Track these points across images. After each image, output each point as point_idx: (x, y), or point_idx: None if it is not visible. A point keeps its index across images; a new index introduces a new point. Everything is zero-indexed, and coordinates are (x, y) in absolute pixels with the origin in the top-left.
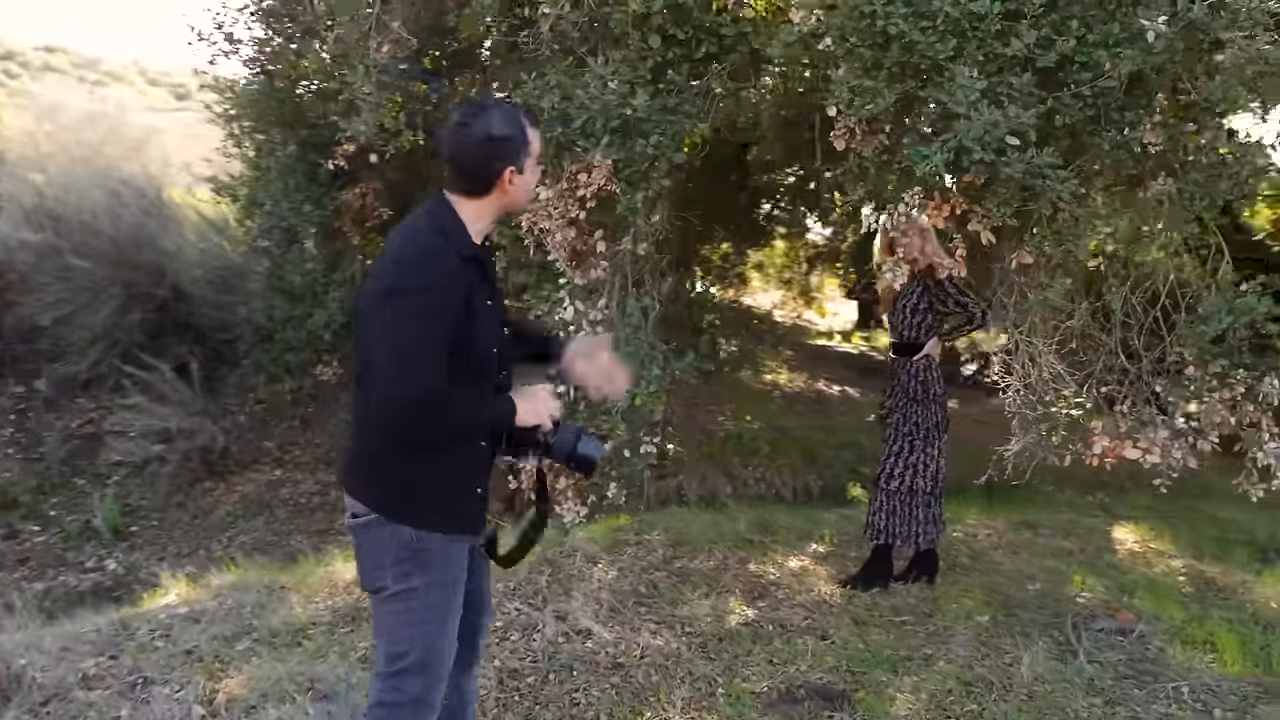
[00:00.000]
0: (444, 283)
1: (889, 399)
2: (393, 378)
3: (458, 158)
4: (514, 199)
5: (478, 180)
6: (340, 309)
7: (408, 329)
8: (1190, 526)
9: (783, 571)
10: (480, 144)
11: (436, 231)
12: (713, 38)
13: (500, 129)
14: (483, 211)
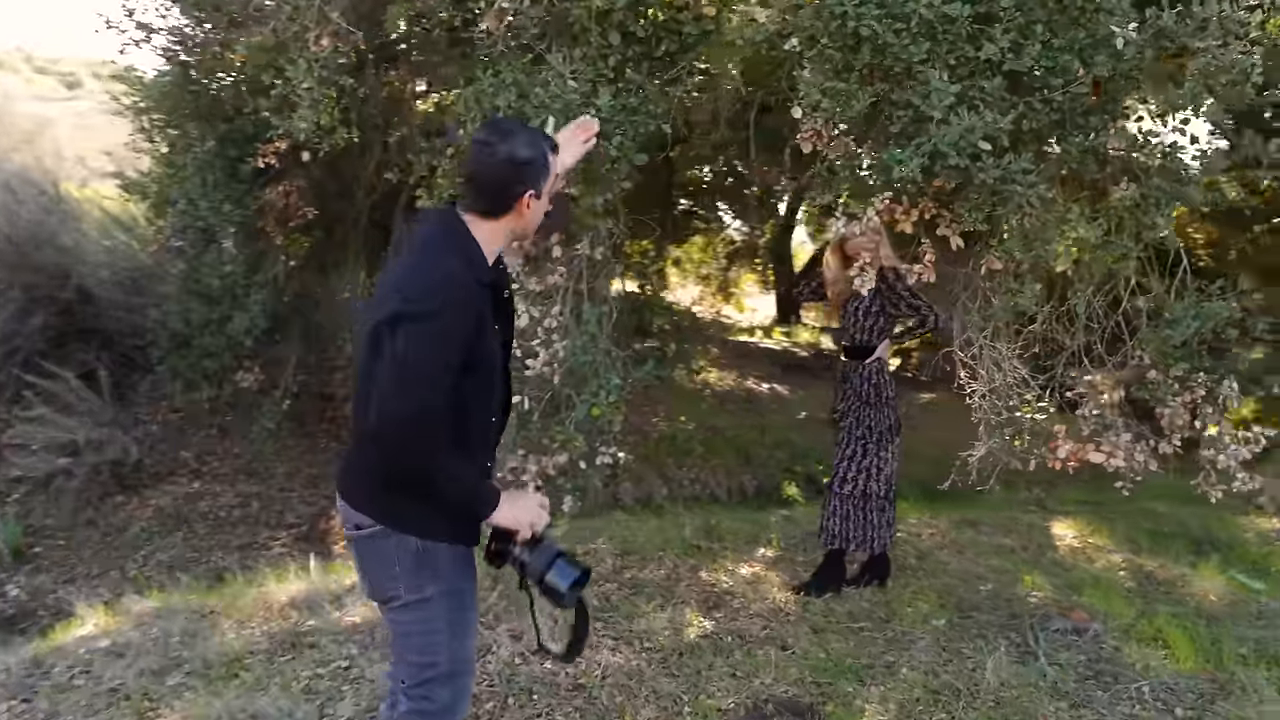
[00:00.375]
0: (456, 307)
1: (841, 402)
2: (393, 395)
3: (478, 177)
4: (527, 223)
5: (496, 201)
6: (263, 312)
7: (416, 353)
8: (1125, 520)
9: (735, 579)
10: (503, 165)
11: (453, 254)
12: (673, 35)
13: (525, 152)
14: (497, 233)
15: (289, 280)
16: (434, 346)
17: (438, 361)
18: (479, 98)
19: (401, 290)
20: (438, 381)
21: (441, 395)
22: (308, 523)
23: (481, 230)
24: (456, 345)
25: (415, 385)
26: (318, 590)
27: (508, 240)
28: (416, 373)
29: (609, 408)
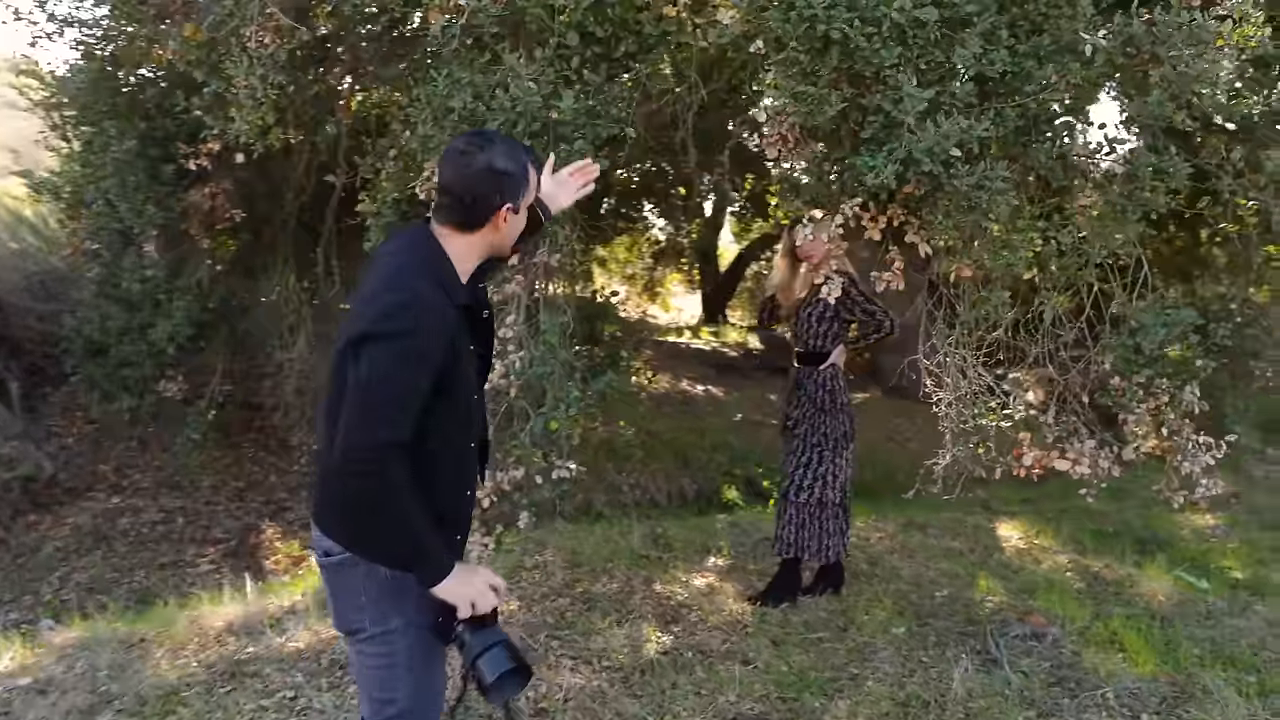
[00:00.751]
0: (428, 328)
1: (795, 409)
2: (357, 421)
3: (454, 187)
4: (503, 240)
5: (472, 214)
6: (186, 319)
7: (383, 376)
8: (1068, 520)
9: (690, 591)
10: (480, 175)
11: (423, 273)
12: (633, 36)
13: (504, 163)
14: (471, 249)
15: (214, 285)
16: (402, 369)
17: (406, 385)
18: (430, 98)
19: (369, 310)
20: (405, 407)
21: (409, 422)
22: (236, 538)
23: (456, 245)
24: (427, 369)
25: (380, 409)
26: (256, 613)
27: (483, 256)
28: (382, 396)
29: (568, 421)
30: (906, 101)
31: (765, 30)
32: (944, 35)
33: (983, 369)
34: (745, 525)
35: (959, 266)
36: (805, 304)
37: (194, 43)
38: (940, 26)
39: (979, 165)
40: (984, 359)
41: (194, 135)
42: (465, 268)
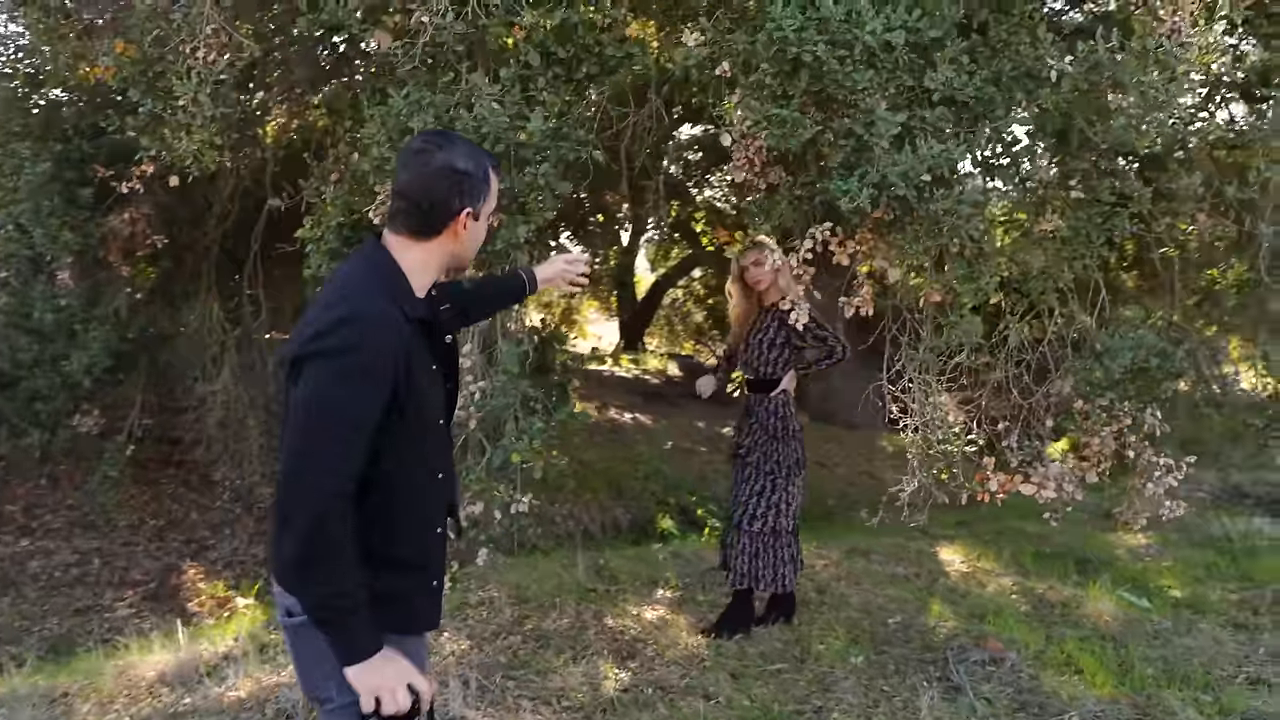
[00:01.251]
0: (375, 343)
1: (745, 437)
2: (296, 448)
3: (409, 190)
4: (463, 249)
5: (429, 218)
6: (104, 350)
7: (324, 401)
8: (1005, 542)
9: (642, 625)
10: (438, 175)
11: (373, 284)
12: (594, 58)
13: (465, 163)
14: (428, 258)
15: (133, 314)
16: (346, 389)
17: (351, 408)
18: (385, 119)
19: (309, 327)
20: (352, 434)
21: (356, 453)
22: (156, 579)
23: (411, 255)
24: (376, 389)
25: (322, 442)
26: (190, 661)
27: (441, 268)
28: (324, 422)
29: (530, 452)
30: (880, 125)
31: (732, 53)
32: (910, 60)
33: (947, 394)
34: (688, 556)
35: (928, 291)
36: (755, 330)
37: (128, 59)
38: (907, 51)
39: (953, 189)
40: (947, 384)
41: (114, 157)
42: (422, 281)
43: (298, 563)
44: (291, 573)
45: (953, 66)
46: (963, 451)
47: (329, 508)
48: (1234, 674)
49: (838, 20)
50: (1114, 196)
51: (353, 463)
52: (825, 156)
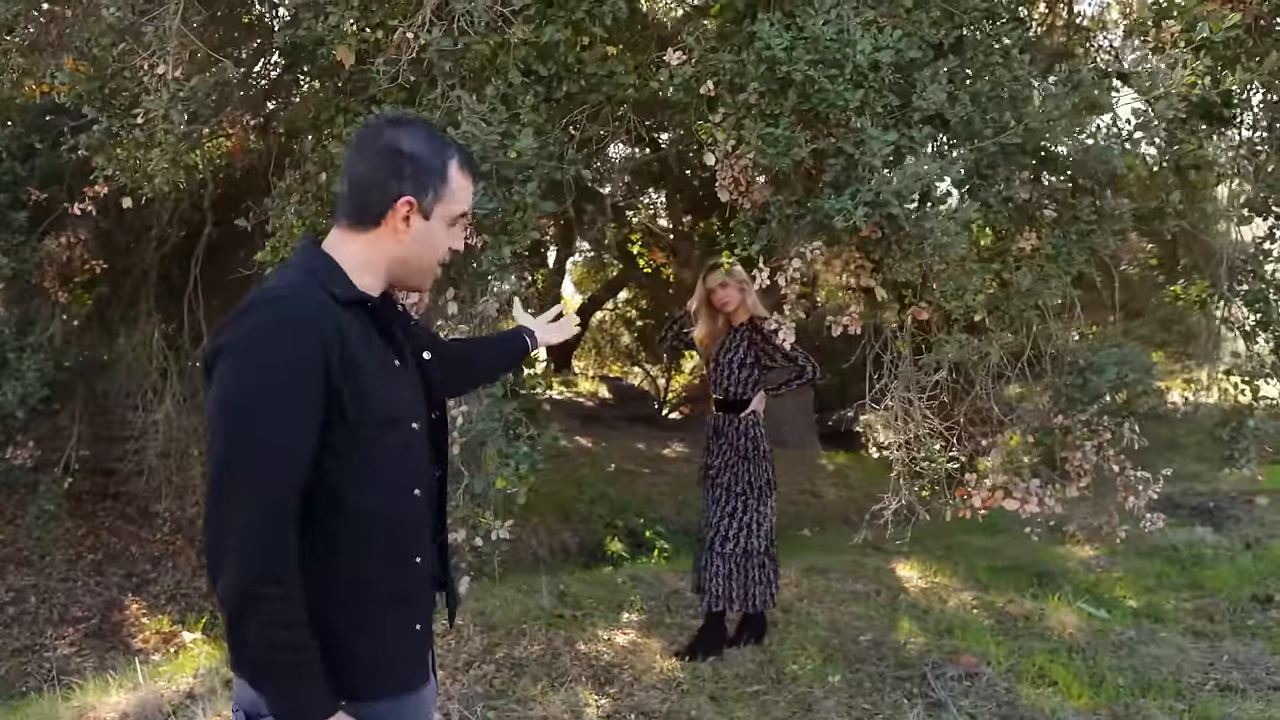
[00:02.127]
0: (295, 322)
1: (715, 458)
2: (213, 471)
3: (350, 173)
4: (409, 251)
5: (365, 205)
6: (39, 379)
7: (239, 405)
8: (958, 557)
9: (615, 649)
10: (379, 155)
11: (291, 268)
12: (574, 76)
13: (412, 144)
14: (369, 254)
15: (69, 342)
16: (265, 384)
17: (276, 405)
18: None
19: (222, 326)
20: (281, 435)
21: (290, 460)
22: (98, 615)
23: (350, 248)
24: (305, 380)
25: (242, 445)
26: (151, 701)
27: (387, 273)
28: (243, 425)
29: (519, 479)
30: (872, 144)
31: (719, 72)
32: (895, 80)
33: (930, 411)
34: (648, 579)
35: (916, 309)
36: (723, 350)
37: (84, 75)
38: (891, 71)
39: (944, 206)
40: (928, 401)
41: (48, 179)
42: (364, 280)
43: (234, 596)
44: (227, 614)
45: (944, 86)
46: (945, 469)
47: (264, 505)
48: (1202, 681)
49: (827, 40)
50: (1094, 214)
51: (286, 474)
52: (813, 175)
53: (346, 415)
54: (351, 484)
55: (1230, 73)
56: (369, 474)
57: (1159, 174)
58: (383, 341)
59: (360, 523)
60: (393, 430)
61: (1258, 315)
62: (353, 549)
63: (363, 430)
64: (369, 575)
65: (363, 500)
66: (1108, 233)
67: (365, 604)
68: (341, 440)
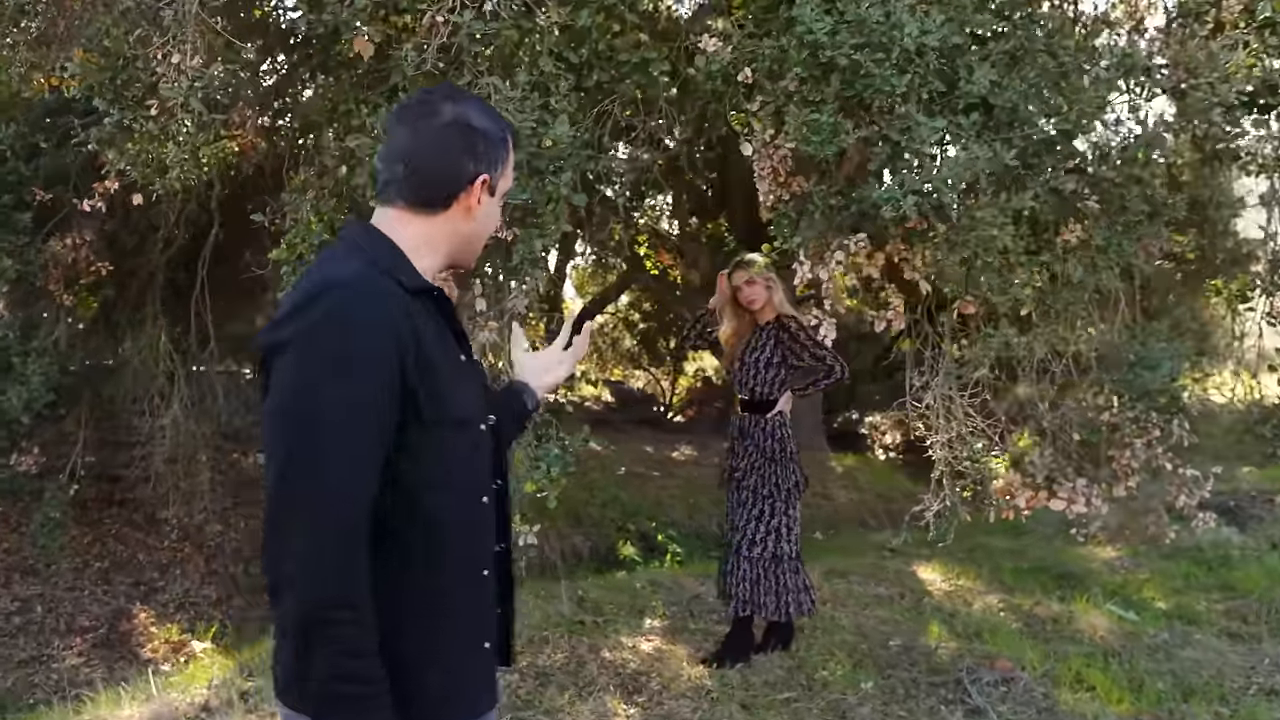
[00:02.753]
0: (367, 317)
1: (740, 460)
2: (276, 480)
3: (412, 152)
4: (474, 233)
5: (436, 186)
6: (44, 383)
7: (310, 406)
8: (981, 558)
9: (640, 657)
10: (449, 131)
11: (353, 253)
12: (607, 63)
13: (480, 120)
14: (432, 239)
15: (74, 346)
16: (340, 379)
17: (346, 413)
18: (380, 132)
19: (279, 316)
20: (358, 439)
21: (367, 468)
22: (106, 625)
23: (410, 230)
24: (380, 375)
25: (311, 453)
26: (167, 714)
27: (449, 255)
28: (314, 429)
29: (551, 482)
30: (922, 131)
31: (758, 58)
32: (940, 65)
33: (971, 409)
34: (667, 583)
35: (962, 303)
36: (749, 349)
37: (95, 65)
38: (936, 56)
39: (998, 196)
40: (969, 399)
41: (53, 179)
42: (425, 264)
43: (299, 625)
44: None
45: (993, 70)
46: (990, 469)
47: (332, 560)
48: (1245, 685)
49: (874, 23)
50: (1146, 205)
51: (359, 488)
52: (852, 164)
53: (422, 416)
54: (426, 486)
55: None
56: (444, 475)
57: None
58: (450, 334)
59: (436, 531)
60: (464, 431)
61: None
62: (428, 559)
63: (437, 431)
64: (441, 588)
65: (438, 504)
66: (1160, 223)
67: (438, 620)
68: (416, 441)
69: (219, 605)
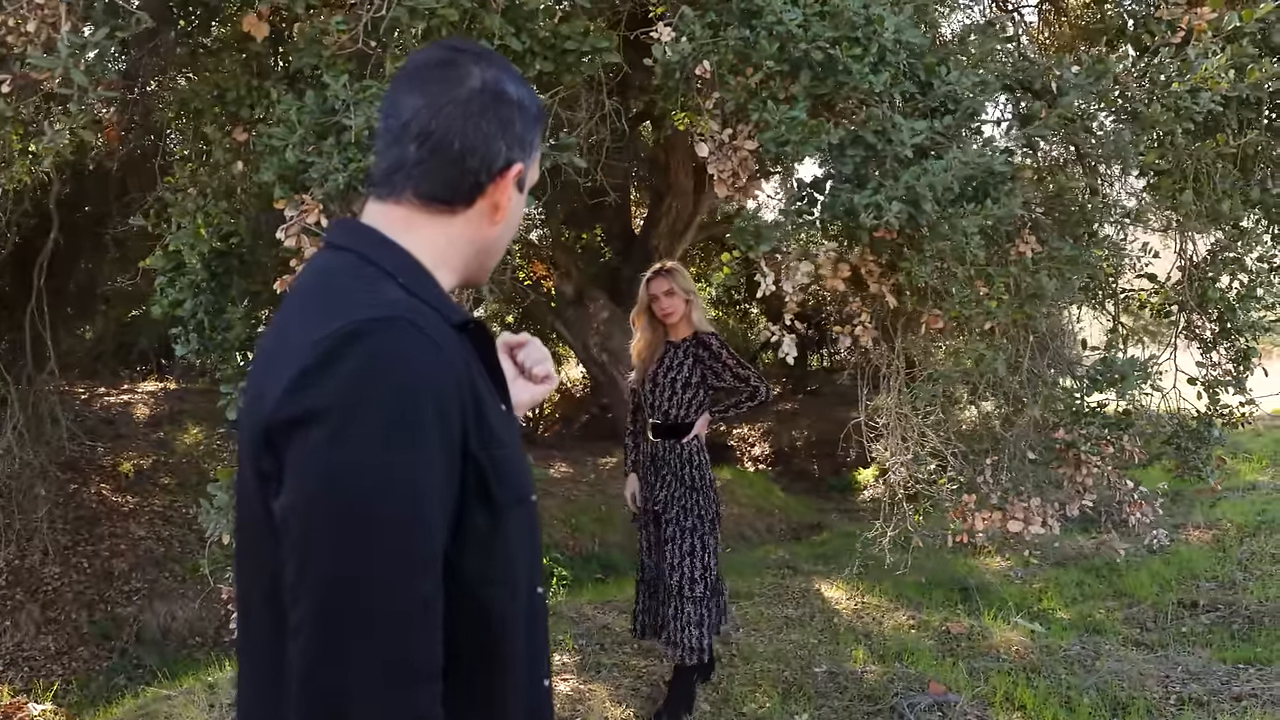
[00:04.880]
0: (421, 365)
1: (659, 491)
2: (316, 619)
3: (430, 130)
4: (497, 241)
5: (461, 174)
6: None
7: (364, 514)
8: (879, 573)
9: (560, 700)
10: (476, 103)
11: (379, 277)
12: (550, 53)
13: (516, 87)
14: (449, 248)
15: None
16: (388, 467)
17: (409, 502)
18: (301, 114)
19: (290, 365)
20: (419, 548)
21: (435, 576)
22: None
23: (421, 237)
24: (441, 454)
25: (364, 570)
26: None
27: (465, 267)
28: (360, 539)
29: None
30: (901, 132)
31: (719, 50)
32: (910, 65)
33: (928, 430)
34: (569, 613)
35: (930, 316)
36: (663, 368)
37: None
38: (907, 56)
39: (975, 204)
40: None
41: None
42: (445, 278)
43: None
44: None
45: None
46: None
47: (413, 696)
48: (1165, 695)
49: (851, 14)
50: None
51: (433, 596)
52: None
53: (490, 491)
54: (485, 583)
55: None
56: (504, 569)
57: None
58: (492, 379)
59: (498, 638)
60: (523, 510)
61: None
62: (490, 678)
63: (503, 513)
64: (506, 710)
65: (502, 606)
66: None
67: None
68: (483, 527)
69: (59, 659)
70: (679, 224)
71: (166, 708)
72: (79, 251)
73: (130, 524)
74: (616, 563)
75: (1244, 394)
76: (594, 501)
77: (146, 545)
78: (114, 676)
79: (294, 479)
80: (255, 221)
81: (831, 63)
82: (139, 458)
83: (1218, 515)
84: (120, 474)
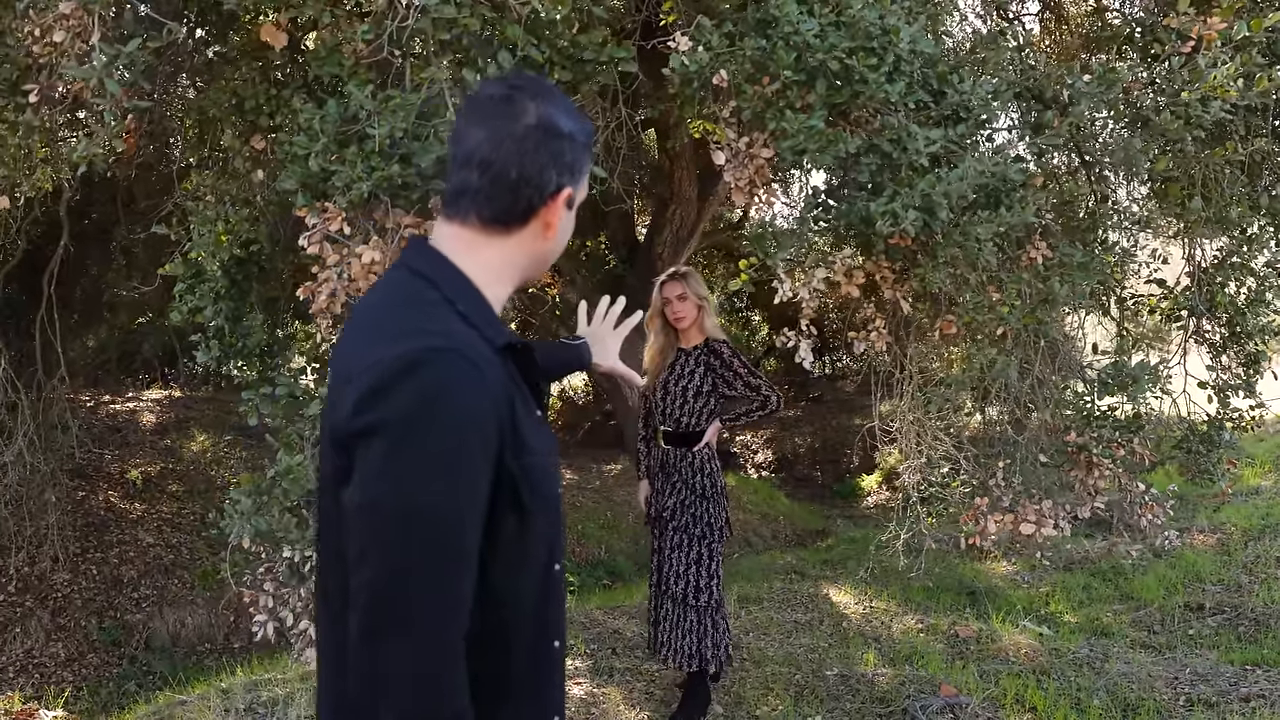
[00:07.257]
0: (469, 394)
1: (668, 498)
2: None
3: (490, 156)
4: (549, 252)
5: (516, 199)
6: None
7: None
8: (886, 577)
9: (574, 704)
10: (534, 135)
11: (436, 305)
12: (569, 61)
13: (568, 121)
14: (505, 266)
15: None
16: (443, 478)
17: (458, 509)
18: (324, 124)
19: (359, 382)
20: (460, 549)
21: (468, 581)
22: None
23: (482, 256)
24: (482, 468)
25: (415, 563)
26: None
27: (518, 278)
28: (414, 536)
29: None
30: (917, 141)
31: (738, 60)
32: (924, 74)
33: (941, 434)
34: (580, 618)
35: (943, 322)
36: (674, 375)
37: None
38: (920, 65)
39: (989, 211)
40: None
41: None
42: (496, 293)
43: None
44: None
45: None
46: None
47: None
48: (1173, 697)
49: (869, 25)
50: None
51: (467, 591)
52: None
53: (520, 497)
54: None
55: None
56: (523, 557)
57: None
58: (531, 394)
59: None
60: (551, 508)
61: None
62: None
63: (530, 517)
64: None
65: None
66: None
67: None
68: (512, 527)
69: (69, 665)
70: (683, 232)
71: (181, 713)
72: (86, 259)
73: (139, 531)
74: (623, 569)
75: (1254, 397)
76: (600, 508)
77: (155, 552)
78: (124, 683)
79: (360, 479)
80: (274, 229)
81: (848, 72)
82: (146, 465)
83: (1222, 519)
84: (128, 481)
